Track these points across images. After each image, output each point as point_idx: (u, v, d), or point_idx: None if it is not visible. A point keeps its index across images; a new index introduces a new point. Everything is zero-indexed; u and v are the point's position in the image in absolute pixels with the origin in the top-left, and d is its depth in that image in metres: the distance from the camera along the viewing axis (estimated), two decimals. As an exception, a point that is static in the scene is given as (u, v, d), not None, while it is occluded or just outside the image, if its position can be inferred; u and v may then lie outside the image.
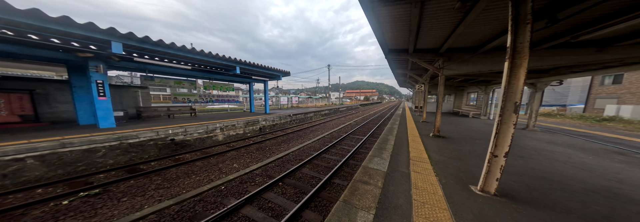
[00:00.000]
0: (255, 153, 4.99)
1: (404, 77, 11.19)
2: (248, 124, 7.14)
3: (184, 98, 7.63)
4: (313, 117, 13.66)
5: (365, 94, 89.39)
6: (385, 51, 5.33)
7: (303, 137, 7.51)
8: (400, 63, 7.19)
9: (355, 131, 8.75)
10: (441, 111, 4.72)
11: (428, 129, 6.18)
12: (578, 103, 16.95)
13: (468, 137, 4.89)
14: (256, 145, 5.77)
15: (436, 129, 4.82)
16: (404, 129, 6.28)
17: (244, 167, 4.00)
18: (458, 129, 6.18)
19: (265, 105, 11.17)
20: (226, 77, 8.85)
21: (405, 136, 5.21)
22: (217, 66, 6.41)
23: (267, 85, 11.04)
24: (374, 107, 31.81)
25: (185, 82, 7.55)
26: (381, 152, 3.63)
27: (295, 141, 6.74)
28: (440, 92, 4.64)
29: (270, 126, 8.73)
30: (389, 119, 12.68)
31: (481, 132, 5.75)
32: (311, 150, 5.69)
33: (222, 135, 5.70)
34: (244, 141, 6.04)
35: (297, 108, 17.51)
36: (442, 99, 13.70)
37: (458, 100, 11.28)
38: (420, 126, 6.86)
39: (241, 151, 5.07)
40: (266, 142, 6.22)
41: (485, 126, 6.97)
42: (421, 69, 7.67)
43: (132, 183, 3.15)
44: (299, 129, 8.93)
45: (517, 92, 1.56)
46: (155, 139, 4.06)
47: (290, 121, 10.78)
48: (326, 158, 5.02)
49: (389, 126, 6.84)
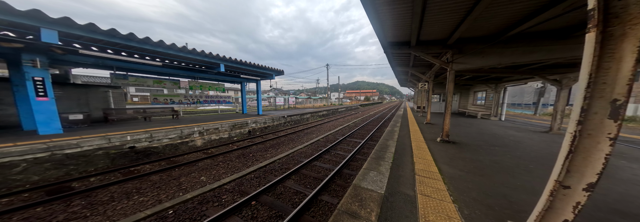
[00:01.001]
0: (234, 161, 4.33)
1: (405, 75, 10.51)
2: (235, 127, 6.49)
3: (166, 99, 7.00)
4: (310, 119, 13.00)
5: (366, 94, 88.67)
6: (384, 45, 4.67)
7: (295, 140, 6.84)
8: (401, 59, 6.51)
9: (353, 133, 8.07)
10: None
11: (434, 132, 5.48)
12: (589, 102, 16.14)
13: (483, 143, 4.18)
14: (239, 151, 5.10)
15: (445, 132, 4.12)
16: (406, 132, 5.59)
17: (213, 180, 3.33)
18: (469, 132, 5.47)
19: (258, 107, 10.53)
20: (214, 77, 8.23)
21: (407, 140, 4.52)
22: (197, 63, 5.79)
23: (260, 85, 10.42)
24: (374, 107, 31.07)
25: (168, 81, 6.94)
26: (379, 164, 2.95)
27: (286, 146, 6.07)
28: (449, 90, 3.96)
29: (261, 129, 8.08)
30: (389, 120, 11.99)
31: (497, 136, 5.02)
32: (302, 156, 5.02)
33: (201, 140, 5.05)
34: (227, 146, 5.38)
35: (295, 109, 16.87)
36: (443, 98, 13.01)
37: (464, 99, 10.54)
38: (424, 128, 6.16)
39: (218, 158, 4.41)
40: (252, 147, 5.55)
41: (500, 128, 6.23)
42: (424, 65, 6.99)
43: (37, 211, 2.33)
44: (292, 132, 8.27)
45: (618, 84, 0.87)
46: (107, 147, 3.37)
47: (284, 122, 10.13)
48: (317, 167, 4.35)
49: (389, 129, 6.15)
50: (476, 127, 6.23)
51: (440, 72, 7.05)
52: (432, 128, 6.20)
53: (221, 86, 9.99)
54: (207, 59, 5.39)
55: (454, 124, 7.05)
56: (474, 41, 3.76)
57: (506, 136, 4.96)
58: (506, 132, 5.50)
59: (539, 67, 4.73)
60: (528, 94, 18.21)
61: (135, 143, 3.68)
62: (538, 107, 12.00)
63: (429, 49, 4.39)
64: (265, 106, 18.81)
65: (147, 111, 6.04)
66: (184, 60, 5.33)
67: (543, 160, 3.09)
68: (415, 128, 6.24)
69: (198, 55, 5.01)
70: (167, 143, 4.21)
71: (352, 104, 30.95)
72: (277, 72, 9.45)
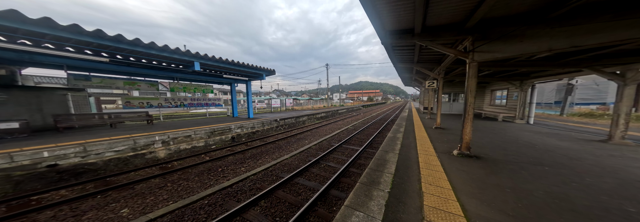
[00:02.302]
0: (192, 180, 3.47)
1: (409, 73, 9.45)
2: (214, 134, 5.71)
3: (142, 102, 6.35)
4: (306, 122, 12.13)
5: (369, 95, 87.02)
6: (382, 35, 3.74)
7: (283, 148, 5.98)
8: (403, 54, 5.53)
9: (351, 138, 7.12)
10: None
11: (447, 141, 4.44)
12: (621, 101, 14.32)
13: (521, 159, 3.11)
14: (209, 164, 4.26)
15: (465, 144, 3.13)
16: (411, 140, 4.59)
17: (140, 213, 2.47)
18: (493, 140, 4.37)
19: (248, 109, 9.77)
20: (195, 77, 7.54)
21: (413, 153, 3.54)
22: (163, 61, 5.05)
23: (250, 86, 9.67)
24: (376, 108, 29.84)
25: (143, 83, 6.29)
26: (369, 195, 2.02)
27: (270, 155, 5.20)
28: (471, 88, 2.97)
29: (247, 134, 7.28)
30: (392, 122, 10.93)
31: (536, 147, 3.82)
32: (284, 170, 4.14)
33: (165, 151, 4.26)
34: (197, 157, 4.56)
35: (292, 111, 16.08)
36: (453, 98, 11.81)
37: (478, 99, 9.32)
38: (434, 135, 5.13)
39: (173, 176, 3.57)
40: (227, 159, 4.70)
41: (534, 134, 4.98)
42: (432, 60, 5.97)
43: None
44: (284, 137, 7.42)
45: None
46: (9, 168, 2.57)
47: (277, 126, 9.30)
48: (298, 186, 3.45)
49: (391, 135, 5.17)
50: (501, 133, 5.10)
51: (451, 67, 6.01)
52: (443, 134, 5.16)
53: (209, 88, 9.33)
54: (177, 56, 4.65)
55: None
56: (504, 22, 2.77)
57: (549, 147, 3.81)
58: (545, 140, 4.33)
59: (592, 56, 3.62)
60: (548, 92, 16.57)
61: (59, 160, 2.92)
62: (565, 106, 10.57)
63: (439, 36, 3.43)
64: (263, 108, 18.14)
65: (114, 117, 5.37)
66: (144, 57, 4.60)
67: (636, 191, 2.02)
68: (422, 134, 5.21)
69: (161, 51, 4.26)
70: (112, 157, 3.42)
71: (353, 105, 29.87)
72: (267, 72, 8.67)
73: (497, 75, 6.55)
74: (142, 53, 4.16)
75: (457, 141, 4.38)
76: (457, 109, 10.68)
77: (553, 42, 2.29)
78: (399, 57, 5.94)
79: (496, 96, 8.40)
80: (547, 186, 2.18)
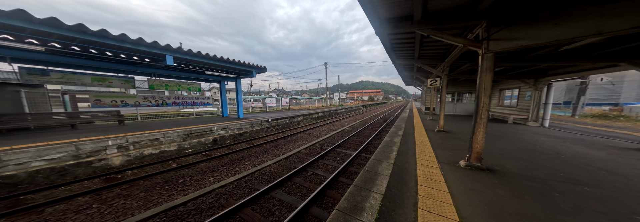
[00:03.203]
0: (133, 197, 2.78)
1: (410, 71, 8.81)
2: (190, 136, 5.16)
3: (114, 101, 5.82)
4: (302, 122, 11.56)
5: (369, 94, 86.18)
6: (375, 25, 3.15)
7: (270, 152, 5.42)
8: (402, 48, 4.90)
9: (346, 141, 6.55)
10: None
11: (452, 148, 3.83)
12: (636, 101, 13.58)
13: (547, 172, 2.50)
14: (170, 173, 3.65)
15: (475, 154, 2.52)
16: (409, 146, 3.98)
17: None
18: (508, 148, 3.72)
19: (238, 109, 9.22)
20: (176, 74, 7.00)
21: (411, 163, 2.94)
22: (133, 54, 4.50)
23: (240, 83, 9.11)
24: (377, 108, 29.17)
25: (116, 79, 5.75)
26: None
27: (253, 161, 4.64)
28: (485, 84, 2.36)
29: (233, 136, 6.73)
30: (392, 123, 10.30)
31: (564, 157, 3.15)
32: (262, 180, 3.58)
33: (121, 157, 3.66)
34: (162, 164, 3.95)
35: (289, 111, 15.54)
36: (457, 98, 11.10)
37: (485, 99, 8.69)
38: (436, 140, 4.52)
39: (112, 192, 2.90)
40: (198, 166, 4.10)
41: (556, 141, 4.28)
42: (435, 55, 5.34)
43: None
44: (273, 139, 6.87)
45: None
46: None
47: (268, 127, 8.75)
48: (273, 201, 2.90)
49: (387, 139, 4.57)
50: (515, 139, 4.44)
51: (457, 63, 5.37)
52: (447, 139, 4.54)
53: (195, 86, 8.79)
54: (145, 49, 4.09)
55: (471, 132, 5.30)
56: (530, 1, 2.15)
57: (580, 157, 3.12)
58: (571, 148, 3.64)
59: (631, 48, 2.96)
60: (557, 91, 15.83)
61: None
62: (577, 107, 9.84)
63: (444, 22, 2.82)
64: (259, 107, 17.62)
65: (77, 117, 4.82)
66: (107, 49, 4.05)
67: None
68: (423, 139, 4.60)
69: (120, 42, 3.68)
70: (42, 167, 2.83)
71: (353, 105, 29.24)
72: (258, 69, 8.10)
73: (509, 72, 5.88)
74: (97, 43, 3.60)
75: (464, 147, 3.77)
76: (461, 109, 10.01)
77: (604, 23, 1.67)
78: (398, 52, 5.31)
79: (505, 96, 7.72)
80: (599, 219, 1.57)
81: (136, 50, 4.13)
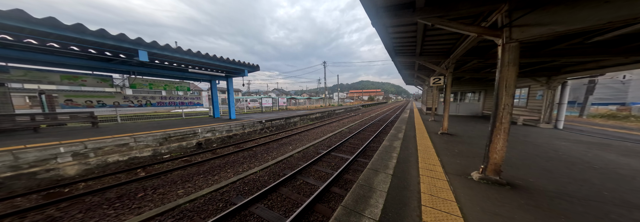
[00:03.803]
0: (66, 220, 2.25)
1: (411, 69, 8.34)
2: (169, 140, 4.69)
3: (89, 101, 5.34)
4: (298, 123, 11.11)
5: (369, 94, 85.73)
6: (371, 14, 2.72)
7: (258, 157, 4.96)
8: (403, 43, 4.43)
9: (343, 144, 6.10)
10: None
11: (459, 154, 3.36)
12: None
13: (585, 189, 2.04)
14: (132, 185, 3.14)
15: (493, 166, 2.06)
16: (411, 151, 3.50)
17: None
18: (525, 153, 3.27)
19: (230, 109, 8.76)
20: (166, 72, 6.54)
21: (413, 174, 2.46)
22: (100, 49, 4.02)
23: (231, 83, 8.65)
24: (377, 108, 28.72)
25: (91, 77, 5.28)
26: None
27: (237, 167, 4.17)
28: (508, 81, 1.90)
29: (221, 139, 6.27)
30: (392, 123, 9.84)
31: (598, 167, 2.69)
32: (242, 191, 3.13)
33: (78, 166, 3.14)
34: (129, 173, 3.48)
35: (285, 111, 15.08)
36: (460, 97, 10.61)
37: (490, 99, 8.17)
38: (441, 144, 4.05)
39: (42, 214, 2.33)
40: (170, 175, 3.59)
41: (577, 145, 3.80)
42: (438, 52, 4.88)
43: None
44: (265, 142, 6.41)
45: None
46: None
47: (261, 129, 8.29)
48: (251, 220, 2.45)
49: (386, 144, 4.10)
50: (531, 144, 3.91)
51: (463, 60, 4.91)
52: (453, 143, 4.08)
53: (184, 85, 8.33)
54: (112, 42, 3.61)
55: (482, 134, 4.84)
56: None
57: (618, 169, 2.61)
58: (602, 157, 3.09)
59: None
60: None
61: None
62: (585, 107, 9.38)
63: (453, 8, 2.37)
64: (256, 108, 17.15)
65: (38, 118, 4.33)
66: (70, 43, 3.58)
67: None
68: (425, 143, 4.14)
69: (79, 34, 3.20)
70: None
71: (352, 105, 28.80)
72: (250, 68, 7.63)
73: (522, 69, 5.39)
74: (53, 35, 3.13)
75: (473, 154, 3.31)
76: (465, 110, 9.54)
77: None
78: (398, 48, 4.85)
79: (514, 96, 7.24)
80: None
81: (103, 44, 3.66)
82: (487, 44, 4.09)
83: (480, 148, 3.68)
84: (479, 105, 8.88)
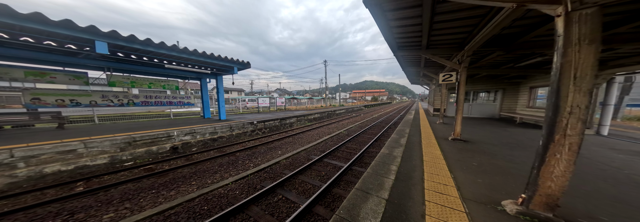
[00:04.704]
0: None
1: (416, 66, 7.50)
2: (134, 145, 4.12)
3: (61, 100, 4.89)
4: (294, 124, 10.47)
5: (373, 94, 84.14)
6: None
7: (239, 164, 4.32)
8: (405, 33, 3.64)
9: (339, 149, 5.41)
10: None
11: (478, 167, 2.58)
12: (686, 102, 11.61)
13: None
14: (48, 207, 2.46)
15: (545, 197, 1.30)
16: (414, 163, 2.72)
17: None
18: (576, 173, 2.43)
19: (220, 110, 8.22)
20: (148, 69, 6.05)
21: (416, 200, 1.69)
22: (48, 39, 3.50)
23: (221, 81, 8.11)
24: (380, 108, 27.72)
25: (61, 74, 4.84)
26: None
27: (207, 178, 3.51)
28: (581, 69, 1.15)
29: (203, 142, 5.70)
30: (395, 125, 9.01)
31: None
32: (199, 212, 2.48)
33: (1, 179, 2.59)
34: (57, 189, 2.82)
35: (283, 111, 14.51)
36: (473, 97, 9.54)
37: (509, 99, 7.17)
38: (453, 153, 3.26)
39: None
40: (113, 191, 2.93)
41: (636, 157, 2.93)
42: (449, 43, 4.08)
43: None
44: (253, 146, 5.80)
45: None
46: None
47: (252, 130, 7.70)
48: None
49: (385, 152, 3.35)
50: (581, 157, 2.87)
51: (481, 52, 4.08)
52: (469, 153, 3.28)
53: (172, 83, 7.86)
54: (62, 32, 3.08)
55: (503, 140, 3.98)
56: None
57: None
58: None
59: None
60: None
61: None
62: (619, 108, 8.20)
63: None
64: (254, 108, 16.69)
65: None
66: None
67: None
68: (433, 152, 3.35)
69: (9, 18, 2.66)
70: None
71: (354, 105, 27.94)
72: (239, 65, 7.06)
73: (546, 66, 4.50)
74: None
75: (496, 168, 2.54)
76: (478, 111, 8.56)
77: None
78: (400, 40, 4.07)
79: (537, 95, 6.26)
80: None
81: (52, 33, 3.14)
82: (514, 29, 3.27)
83: (506, 160, 2.88)
84: (495, 106, 7.87)
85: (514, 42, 3.45)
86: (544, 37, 3.35)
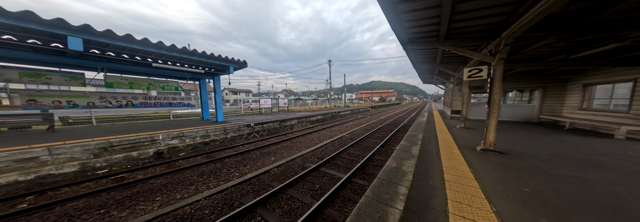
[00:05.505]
0: None
1: (430, 63, 6.57)
2: (111, 150, 3.72)
3: (57, 101, 4.71)
4: (295, 126, 9.90)
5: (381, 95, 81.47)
6: None
7: (223, 173, 3.79)
8: (417, 19, 2.84)
9: (339, 155, 4.73)
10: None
11: (533, 198, 1.75)
12: None
13: None
14: None
15: None
16: (433, 187, 1.90)
17: None
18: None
19: (217, 111, 7.88)
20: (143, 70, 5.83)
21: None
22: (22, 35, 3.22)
23: (219, 81, 7.78)
24: (388, 109, 26.37)
25: (57, 75, 4.67)
26: None
27: (177, 193, 2.95)
28: None
29: (193, 146, 5.29)
30: (403, 129, 8.07)
31: None
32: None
33: None
34: (9, 202, 2.38)
35: (286, 112, 14.06)
36: (516, 97, 8.04)
37: (553, 99, 5.82)
38: (487, 173, 2.43)
39: None
40: (67, 205, 2.45)
41: None
42: (478, 31, 3.21)
43: None
44: (246, 151, 5.28)
45: None
46: None
47: (249, 133, 7.23)
48: None
49: (391, 166, 2.59)
50: None
51: (525, 39, 3.15)
52: (511, 171, 2.44)
53: (171, 84, 7.68)
54: (37, 27, 2.78)
55: (568, 156, 3.00)
56: None
57: None
58: None
59: None
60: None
61: None
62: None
63: None
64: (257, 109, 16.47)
65: None
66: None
67: None
68: (458, 168, 2.53)
69: None
70: None
71: (360, 106, 26.87)
72: (236, 64, 6.66)
73: (615, 56, 3.39)
74: None
75: (569, 199, 1.64)
76: (508, 114, 7.18)
77: None
78: (410, 29, 3.26)
79: (595, 95, 4.94)
80: None
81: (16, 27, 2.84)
82: (582, 4, 2.31)
83: (582, 187, 1.99)
84: (532, 108, 6.55)
85: (581, 22, 2.52)
86: (630, 12, 2.36)
